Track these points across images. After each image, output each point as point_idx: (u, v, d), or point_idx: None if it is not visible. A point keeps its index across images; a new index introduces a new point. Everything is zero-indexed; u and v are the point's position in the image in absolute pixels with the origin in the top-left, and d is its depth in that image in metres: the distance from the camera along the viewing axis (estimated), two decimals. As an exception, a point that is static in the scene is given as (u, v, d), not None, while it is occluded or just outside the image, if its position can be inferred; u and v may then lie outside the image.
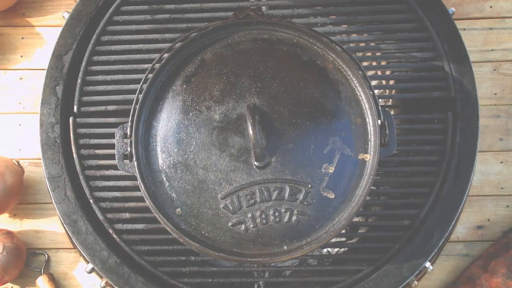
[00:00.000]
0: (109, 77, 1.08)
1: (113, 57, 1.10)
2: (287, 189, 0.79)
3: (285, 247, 0.77)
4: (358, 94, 0.85)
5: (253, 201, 0.79)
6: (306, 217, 0.78)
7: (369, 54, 1.18)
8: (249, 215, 0.79)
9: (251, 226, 0.78)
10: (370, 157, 0.81)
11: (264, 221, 0.78)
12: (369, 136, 0.82)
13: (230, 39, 0.89)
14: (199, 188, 0.81)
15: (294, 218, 0.78)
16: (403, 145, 1.11)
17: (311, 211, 0.78)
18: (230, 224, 0.79)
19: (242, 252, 0.78)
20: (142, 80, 0.86)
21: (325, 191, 0.78)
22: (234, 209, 0.79)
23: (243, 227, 0.78)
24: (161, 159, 0.82)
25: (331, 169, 0.79)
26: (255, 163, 0.80)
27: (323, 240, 0.76)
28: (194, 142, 0.82)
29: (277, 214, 0.78)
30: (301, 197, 0.79)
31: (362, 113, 0.84)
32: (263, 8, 1.11)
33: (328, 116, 0.82)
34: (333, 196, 0.78)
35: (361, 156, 0.80)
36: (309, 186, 0.79)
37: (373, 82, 1.20)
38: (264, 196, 0.79)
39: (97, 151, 1.05)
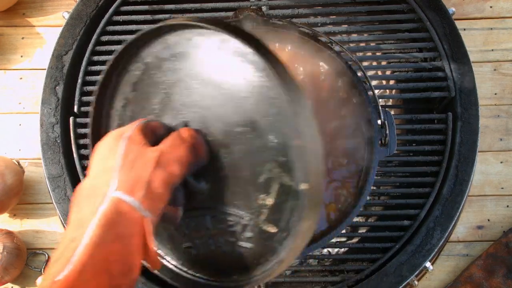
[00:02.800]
0: (109, 77, 1.08)
1: (113, 57, 1.09)
2: (223, 220, 0.66)
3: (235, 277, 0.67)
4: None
5: (194, 226, 0.68)
6: (248, 250, 0.66)
7: (369, 54, 1.18)
8: (196, 241, 0.68)
9: (200, 251, 0.69)
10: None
11: (209, 248, 0.68)
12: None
13: (230, 39, 0.88)
14: None
15: (236, 249, 0.66)
16: (403, 145, 1.11)
17: (252, 244, 0.65)
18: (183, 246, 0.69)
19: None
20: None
21: (265, 225, 0.64)
22: (182, 232, 0.69)
23: (193, 251, 0.69)
24: None
25: (270, 201, 0.63)
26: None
27: (269, 276, 0.63)
28: None
29: (218, 244, 0.67)
30: (239, 229, 0.66)
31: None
32: (263, 8, 1.11)
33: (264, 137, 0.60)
34: (275, 230, 0.64)
35: (302, 186, 0.59)
36: (246, 218, 0.64)
37: (373, 82, 1.19)
38: (203, 224, 0.67)
39: (97, 151, 1.05)
